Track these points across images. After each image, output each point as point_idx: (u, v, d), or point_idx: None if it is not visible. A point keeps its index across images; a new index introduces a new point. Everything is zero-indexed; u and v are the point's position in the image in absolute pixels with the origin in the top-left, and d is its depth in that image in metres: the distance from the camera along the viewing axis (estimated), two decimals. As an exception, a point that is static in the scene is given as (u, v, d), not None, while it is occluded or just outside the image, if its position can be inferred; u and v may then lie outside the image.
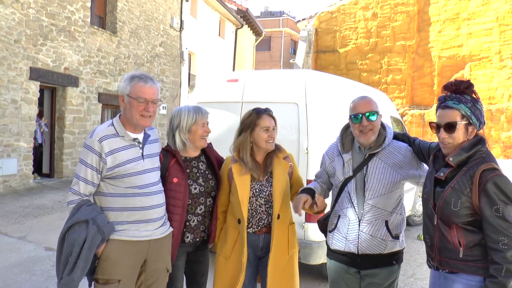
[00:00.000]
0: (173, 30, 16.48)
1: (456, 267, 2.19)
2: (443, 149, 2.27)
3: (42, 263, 5.26)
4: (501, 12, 17.63)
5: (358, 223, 2.60)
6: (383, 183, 2.56)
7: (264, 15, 38.16)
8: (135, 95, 2.49)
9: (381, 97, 6.64)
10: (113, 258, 2.46)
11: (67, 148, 11.55)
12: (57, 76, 11.02)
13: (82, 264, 2.34)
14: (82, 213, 2.42)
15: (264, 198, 2.82)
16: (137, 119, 2.52)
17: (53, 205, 8.63)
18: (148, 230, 2.56)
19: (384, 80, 20.17)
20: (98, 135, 2.48)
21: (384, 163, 2.59)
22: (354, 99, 2.70)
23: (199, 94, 5.35)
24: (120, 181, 2.49)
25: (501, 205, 2.03)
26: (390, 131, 2.70)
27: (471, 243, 2.14)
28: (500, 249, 2.02)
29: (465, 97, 2.20)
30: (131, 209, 2.51)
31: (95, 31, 12.40)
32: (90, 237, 2.35)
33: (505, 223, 2.03)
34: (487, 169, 2.08)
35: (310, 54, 21.18)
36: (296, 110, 4.46)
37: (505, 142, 17.28)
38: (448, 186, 2.17)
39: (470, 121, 2.19)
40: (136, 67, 14.25)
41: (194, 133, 2.85)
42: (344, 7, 21.12)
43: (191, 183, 2.82)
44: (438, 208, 2.21)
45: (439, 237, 2.25)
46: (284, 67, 33.16)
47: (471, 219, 2.13)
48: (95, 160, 2.44)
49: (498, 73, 17.67)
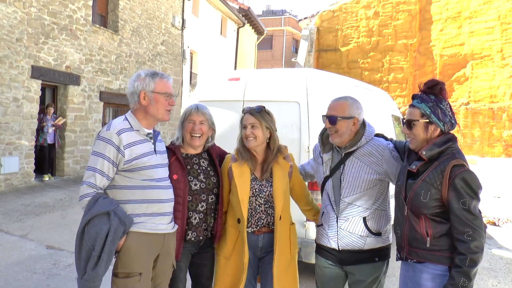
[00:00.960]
0: (175, 29, 16.48)
1: (423, 257, 2.32)
2: (409, 144, 2.44)
3: (44, 262, 5.26)
4: (503, 11, 17.59)
5: (336, 220, 2.70)
6: (359, 181, 2.65)
7: (266, 13, 38.11)
8: (162, 90, 2.58)
9: (383, 96, 6.63)
10: (134, 250, 2.44)
11: (69, 147, 11.55)
12: (59, 74, 11.02)
13: (106, 257, 2.31)
14: (101, 205, 2.37)
15: (264, 198, 2.82)
16: (162, 113, 2.61)
17: (55, 204, 8.65)
18: (163, 224, 2.58)
19: (385, 79, 20.14)
20: (116, 128, 2.49)
21: (360, 161, 2.68)
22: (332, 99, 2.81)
23: (200, 92, 5.35)
24: (137, 173, 2.50)
25: (468, 198, 2.18)
26: (370, 130, 2.75)
27: (438, 234, 2.27)
28: (465, 240, 2.16)
29: (429, 97, 2.36)
30: (149, 201, 2.51)
31: (96, 29, 12.40)
32: (113, 229, 2.32)
33: (470, 216, 2.17)
34: (457, 164, 2.22)
35: (312, 53, 21.15)
36: (298, 108, 4.45)
37: (506, 140, 17.24)
38: (419, 178, 2.31)
39: (430, 120, 2.33)
40: (138, 65, 14.25)
41: (184, 129, 2.88)
42: (346, 6, 21.09)
43: (191, 179, 2.82)
44: (408, 199, 2.35)
45: (408, 227, 2.38)
46: (286, 66, 33.14)
47: (439, 211, 2.27)
48: (113, 153, 2.43)
49: (500, 71, 17.63)
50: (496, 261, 5.72)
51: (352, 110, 2.70)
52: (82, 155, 12.03)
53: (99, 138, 2.48)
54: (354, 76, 19.41)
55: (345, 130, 2.68)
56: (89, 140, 12.23)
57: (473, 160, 16.07)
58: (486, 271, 5.31)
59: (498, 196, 10.48)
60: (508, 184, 11.99)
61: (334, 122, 2.66)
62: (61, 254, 5.52)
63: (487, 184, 11.97)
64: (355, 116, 2.69)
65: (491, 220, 8.00)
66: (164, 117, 2.62)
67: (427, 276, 2.31)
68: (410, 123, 2.36)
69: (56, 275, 4.87)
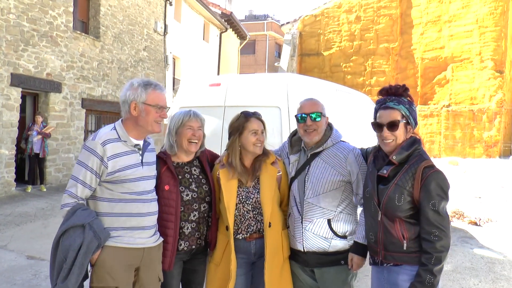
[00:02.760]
0: (157, 35, 16.42)
1: (401, 260, 2.35)
2: (386, 147, 2.43)
3: (24, 272, 5.17)
4: (480, 15, 17.93)
5: (301, 221, 2.72)
6: (322, 182, 2.68)
7: (248, 18, 38.22)
8: (154, 102, 2.50)
9: (363, 100, 6.68)
10: (109, 265, 2.41)
11: (51, 155, 11.35)
12: (39, 82, 10.89)
13: (77, 270, 2.28)
14: (77, 217, 2.34)
15: (251, 205, 2.77)
16: (152, 126, 2.53)
17: (36, 213, 8.52)
18: (142, 238, 2.52)
19: (368, 82, 20.34)
20: (102, 138, 2.43)
21: (325, 162, 2.72)
22: (301, 100, 2.84)
23: (181, 98, 5.32)
24: (119, 186, 2.45)
25: (437, 199, 2.24)
26: (337, 133, 2.82)
27: (413, 235, 2.32)
28: (431, 240, 2.23)
29: (403, 99, 2.43)
30: (128, 215, 2.46)
31: (77, 36, 12.30)
32: (86, 243, 2.29)
33: (438, 217, 2.24)
34: (427, 166, 2.29)
35: (294, 57, 21.26)
36: (279, 113, 4.47)
37: (487, 141, 17.51)
38: (392, 182, 2.34)
39: (408, 121, 2.41)
40: (120, 72, 14.16)
41: (180, 135, 2.81)
42: (327, 11, 21.26)
43: (183, 190, 2.77)
44: (382, 204, 2.36)
45: (383, 232, 2.39)
46: (269, 71, 33.24)
47: (412, 213, 2.32)
48: (96, 164, 2.39)
49: (479, 74, 17.94)
50: (477, 260, 5.79)
51: (324, 110, 2.78)
52: (65, 163, 11.87)
53: (85, 147, 2.44)
54: (337, 80, 19.55)
55: (323, 128, 2.75)
56: (71, 148, 12.09)
57: (455, 161, 16.28)
58: (468, 270, 5.37)
59: (479, 197, 10.63)
60: (489, 185, 12.17)
61: (319, 118, 2.70)
62: (42, 264, 5.43)
63: (469, 184, 12.13)
64: (327, 116, 2.79)
65: (472, 220, 8.10)
66: (154, 129, 2.55)
67: (405, 277, 2.33)
68: (393, 124, 2.37)
69: (37, 286, 4.79)
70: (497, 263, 5.71)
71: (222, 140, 4.55)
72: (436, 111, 18.77)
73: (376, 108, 2.50)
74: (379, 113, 2.45)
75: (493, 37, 17.66)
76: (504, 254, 6.14)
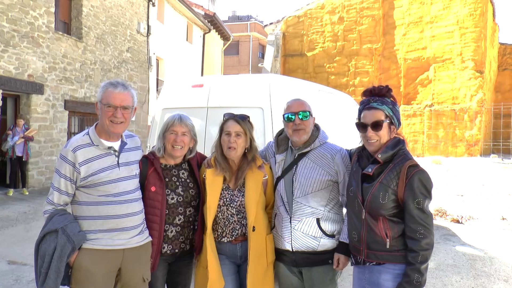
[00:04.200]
0: (140, 35, 16.32)
1: (383, 258, 2.38)
2: (370, 147, 2.47)
3: (4, 278, 5.08)
4: (461, 16, 18.21)
5: (289, 220, 2.72)
6: (310, 181, 2.70)
7: (231, 19, 38.17)
8: (105, 101, 2.51)
9: (346, 100, 6.74)
10: (85, 267, 2.44)
11: (33, 157, 11.21)
12: (21, 83, 10.73)
13: (53, 274, 2.34)
14: (53, 223, 2.42)
15: (236, 208, 2.76)
16: (107, 125, 2.51)
17: (18, 217, 8.38)
18: (122, 239, 2.53)
19: (352, 83, 20.50)
20: (72, 145, 2.49)
21: (313, 162, 2.74)
22: (288, 100, 2.86)
23: (164, 100, 5.29)
24: (94, 189, 2.48)
25: (422, 198, 2.29)
26: (323, 133, 2.85)
27: (397, 234, 2.35)
28: (417, 238, 2.27)
29: (387, 100, 2.47)
30: (104, 218, 2.49)
31: (59, 37, 12.15)
32: (60, 247, 2.35)
33: (423, 215, 2.29)
34: (412, 165, 2.33)
35: (278, 58, 21.33)
36: (261, 114, 4.47)
37: (468, 140, 17.79)
38: (377, 181, 2.38)
39: (392, 121, 2.46)
40: (103, 73, 14.04)
41: (165, 139, 2.81)
42: (310, 11, 21.38)
43: (168, 193, 2.76)
44: (367, 202, 2.39)
45: (366, 231, 2.42)
46: (252, 71, 33.25)
47: (396, 211, 2.36)
48: (69, 170, 2.45)
49: (461, 74, 18.22)
50: (459, 257, 5.87)
51: (311, 110, 2.81)
52: (47, 166, 11.73)
53: (59, 155, 2.52)
54: (321, 80, 19.67)
55: (311, 127, 2.78)
56: (54, 151, 11.94)
57: (438, 160, 16.50)
58: (450, 267, 5.45)
59: (462, 195, 10.79)
60: (470, 183, 12.36)
61: (307, 117, 2.73)
62: (24, 269, 5.35)
63: (451, 183, 12.31)
64: (314, 116, 2.82)
65: (455, 218, 8.22)
66: (109, 129, 2.52)
67: (387, 276, 2.36)
68: (377, 124, 2.41)
69: (19, 290, 4.72)
70: (478, 260, 5.81)
71: (205, 142, 4.54)
72: (419, 111, 19.01)
73: (360, 109, 2.54)
74: (363, 113, 2.49)
75: (473, 38, 17.97)
76: (485, 251, 6.24)
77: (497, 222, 8.16)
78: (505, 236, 7.15)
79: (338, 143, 2.96)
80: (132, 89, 2.65)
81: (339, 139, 4.62)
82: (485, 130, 18.62)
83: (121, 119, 2.52)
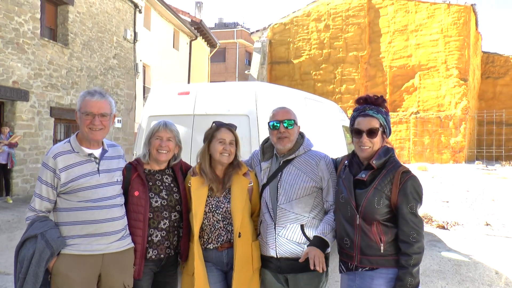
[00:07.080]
0: (127, 42, 16.27)
1: (377, 263, 2.41)
2: (362, 153, 2.51)
3: (-11, 286, 5.02)
4: (445, 24, 18.51)
5: (274, 227, 2.74)
6: (295, 188, 2.72)
7: (218, 26, 38.25)
8: (83, 110, 2.57)
9: (332, 107, 6.79)
10: (64, 273, 2.45)
11: (18, 165, 11.04)
12: (5, 90, 10.60)
13: (31, 279, 2.35)
14: (33, 228, 2.46)
15: (222, 215, 2.77)
16: (86, 132, 2.57)
17: (1, 226, 8.26)
18: (101, 244, 2.54)
19: (338, 90, 20.65)
20: (53, 152, 2.55)
21: (297, 169, 2.77)
22: (274, 108, 2.90)
23: (150, 107, 5.28)
24: (73, 195, 2.52)
25: (414, 203, 2.36)
26: (308, 141, 2.89)
27: (390, 238, 2.40)
28: (410, 242, 2.33)
29: (381, 109, 2.54)
30: (83, 223, 2.51)
31: (45, 43, 12.05)
32: (38, 252, 2.37)
33: (416, 219, 2.36)
34: (405, 171, 2.41)
35: (264, 65, 21.41)
36: (247, 122, 4.49)
37: (453, 147, 18.02)
38: (371, 186, 2.42)
39: (384, 130, 2.53)
40: (90, 80, 13.95)
41: (151, 145, 2.84)
42: (297, 19, 21.54)
43: (152, 196, 2.77)
44: (361, 207, 2.42)
45: (360, 236, 2.44)
46: (239, 78, 33.33)
47: (389, 216, 2.41)
48: (50, 177, 2.51)
49: (445, 81, 18.49)
50: (445, 263, 5.93)
51: (296, 118, 2.85)
52: (32, 173, 11.56)
53: (42, 162, 2.57)
54: (307, 87, 19.78)
55: (295, 135, 2.81)
56: (39, 158, 11.78)
57: (424, 167, 16.67)
58: (435, 273, 5.50)
59: (447, 201, 10.91)
60: (455, 189, 12.51)
61: (292, 126, 2.77)
62: (7, 279, 5.27)
63: (437, 189, 12.43)
64: (299, 125, 2.86)
65: (440, 224, 8.31)
66: (89, 136, 2.59)
67: (380, 281, 2.38)
68: (372, 131, 2.46)
69: (3, 300, 4.65)
70: (463, 265, 5.88)
71: (192, 149, 4.54)
72: (405, 118, 19.22)
73: (355, 115, 2.59)
74: (357, 120, 2.54)
75: (457, 46, 18.27)
76: (470, 256, 6.32)
77: (482, 227, 8.27)
78: (489, 241, 7.26)
79: (323, 150, 2.99)
80: (110, 97, 2.70)
81: (325, 146, 4.65)
82: (469, 137, 18.88)
83: (100, 126, 2.59)
